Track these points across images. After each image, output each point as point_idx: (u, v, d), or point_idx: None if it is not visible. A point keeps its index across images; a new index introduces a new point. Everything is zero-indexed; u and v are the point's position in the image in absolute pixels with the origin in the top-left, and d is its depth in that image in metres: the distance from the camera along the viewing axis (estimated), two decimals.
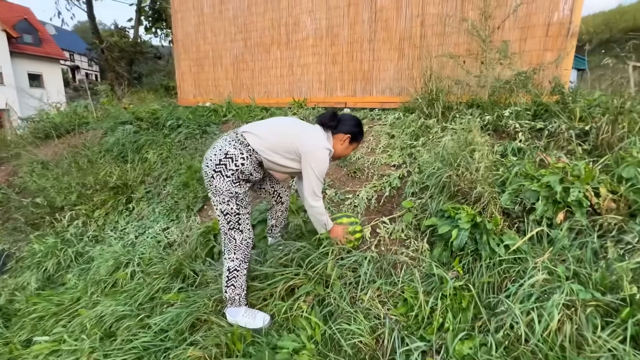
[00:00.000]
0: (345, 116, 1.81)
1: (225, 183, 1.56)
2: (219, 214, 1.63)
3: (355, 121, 1.81)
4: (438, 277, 1.63)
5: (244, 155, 1.58)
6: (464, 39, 3.30)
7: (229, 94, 5.17)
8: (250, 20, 4.81)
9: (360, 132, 1.81)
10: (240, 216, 1.63)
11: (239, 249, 1.67)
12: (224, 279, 1.69)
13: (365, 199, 2.45)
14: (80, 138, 4.60)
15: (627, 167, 1.68)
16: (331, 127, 1.75)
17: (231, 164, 1.56)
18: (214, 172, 1.56)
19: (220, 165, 1.55)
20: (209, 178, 1.59)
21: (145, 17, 9.77)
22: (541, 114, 2.61)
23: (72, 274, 2.49)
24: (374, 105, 3.95)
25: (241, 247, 1.67)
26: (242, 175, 1.59)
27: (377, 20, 3.84)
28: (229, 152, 1.57)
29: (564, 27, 2.96)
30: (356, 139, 1.81)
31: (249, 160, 1.59)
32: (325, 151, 1.65)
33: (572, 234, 1.62)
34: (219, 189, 1.57)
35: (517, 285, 1.37)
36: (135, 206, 3.20)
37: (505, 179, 1.94)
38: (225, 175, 1.56)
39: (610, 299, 1.23)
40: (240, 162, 1.57)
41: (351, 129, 1.77)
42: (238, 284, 1.68)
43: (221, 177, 1.56)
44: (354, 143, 1.82)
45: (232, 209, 1.60)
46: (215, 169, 1.56)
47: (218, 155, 1.57)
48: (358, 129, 1.79)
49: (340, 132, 1.76)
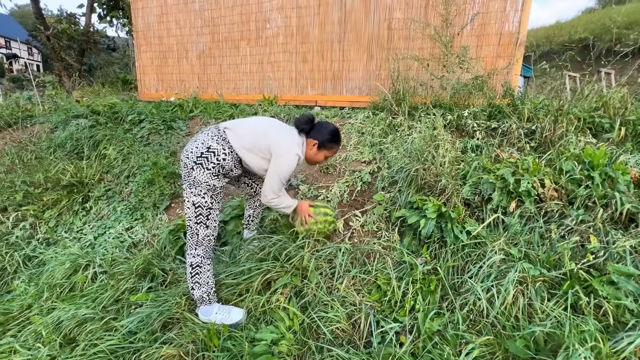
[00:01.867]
0: (322, 123, 1.82)
1: (205, 175, 1.57)
2: (189, 206, 1.61)
3: (329, 129, 1.79)
4: (408, 264, 1.73)
5: (225, 151, 1.60)
6: (428, 44, 3.52)
7: (196, 89, 4.99)
8: (218, 14, 4.68)
9: (332, 140, 1.79)
10: (211, 211, 1.63)
11: (200, 245, 1.66)
12: (188, 277, 1.67)
13: (337, 193, 2.52)
14: (25, 132, 4.16)
15: (566, 160, 1.92)
16: (304, 130, 1.77)
17: (213, 157, 1.57)
18: (194, 164, 1.56)
19: (202, 157, 1.56)
20: (188, 169, 1.57)
21: (99, 4, 9.02)
22: (495, 114, 2.87)
23: (20, 280, 2.26)
24: (344, 104, 4.06)
25: (203, 243, 1.66)
26: (222, 170, 1.61)
27: (346, 22, 3.95)
28: (212, 146, 1.58)
29: (513, 37, 3.28)
30: (325, 146, 1.78)
31: (230, 157, 1.61)
32: (295, 157, 1.65)
33: (522, 220, 1.82)
34: (198, 181, 1.57)
35: (478, 267, 1.51)
36: (93, 205, 2.98)
37: (466, 172, 2.12)
38: (206, 167, 1.56)
39: (555, 274, 1.41)
40: (222, 157, 1.59)
41: (321, 136, 1.76)
42: (203, 281, 1.65)
43: (202, 169, 1.56)
44: (323, 150, 1.79)
45: (206, 202, 1.60)
46: (196, 160, 1.56)
47: (200, 148, 1.58)
48: (329, 137, 1.77)
49: (311, 138, 1.77)
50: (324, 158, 1.83)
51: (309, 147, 1.77)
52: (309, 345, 1.44)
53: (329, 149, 1.82)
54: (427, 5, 3.52)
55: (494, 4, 3.29)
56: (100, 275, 2.12)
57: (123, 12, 9.24)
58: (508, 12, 3.25)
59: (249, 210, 2.12)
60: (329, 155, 1.84)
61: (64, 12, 10.38)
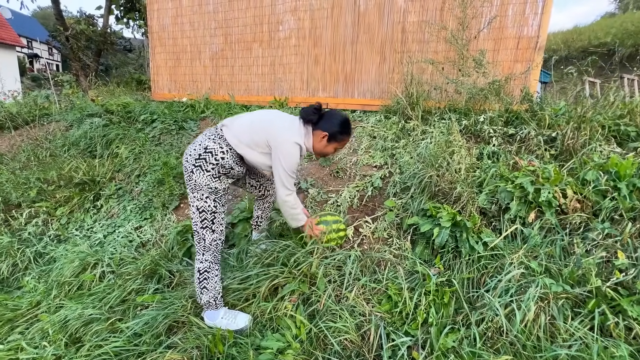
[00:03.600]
0: (331, 113, 1.70)
1: (205, 177, 1.52)
2: (194, 211, 1.57)
3: (339, 120, 1.67)
4: (421, 274, 1.67)
5: (223, 149, 1.54)
6: (443, 47, 3.44)
7: (208, 90, 5.01)
8: (231, 15, 4.70)
9: (343, 132, 1.67)
10: (216, 215, 1.58)
11: (208, 250, 1.61)
12: (195, 282, 1.63)
13: (348, 198, 2.46)
14: (41, 130, 4.25)
15: (590, 170, 1.82)
16: (311, 121, 1.65)
17: (211, 158, 1.52)
18: (193, 167, 1.52)
19: (200, 159, 1.52)
20: (189, 173, 1.53)
21: (116, 6, 9.23)
22: (512, 120, 2.77)
23: (30, 277, 2.28)
24: (356, 107, 4.01)
25: (210, 247, 1.61)
26: (222, 169, 1.55)
27: (359, 24, 3.91)
28: (208, 146, 1.53)
29: (532, 41, 3.18)
30: (335, 138, 1.65)
31: (229, 155, 1.55)
32: (294, 145, 1.54)
33: (542, 232, 1.73)
34: (199, 184, 1.52)
35: (496, 281, 1.44)
36: (104, 204, 3.00)
37: (482, 180, 2.04)
38: (205, 169, 1.52)
39: (579, 291, 1.33)
40: (220, 156, 1.53)
41: (331, 127, 1.63)
42: (210, 286, 1.62)
43: (201, 172, 1.51)
44: (333, 142, 1.67)
45: (210, 206, 1.56)
46: (194, 163, 1.52)
47: (198, 150, 1.53)
48: (339, 129, 1.65)
49: (320, 129, 1.64)
50: (333, 150, 1.71)
51: (317, 139, 1.65)
52: (316, 356, 1.39)
53: (340, 141, 1.69)
54: (443, 8, 3.44)
55: (512, 7, 3.19)
56: (108, 274, 2.11)
57: (139, 13, 9.43)
58: (527, 16, 3.16)
59: (257, 211, 2.09)
60: (340, 147, 1.73)
61: (83, 13, 10.68)
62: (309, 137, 1.64)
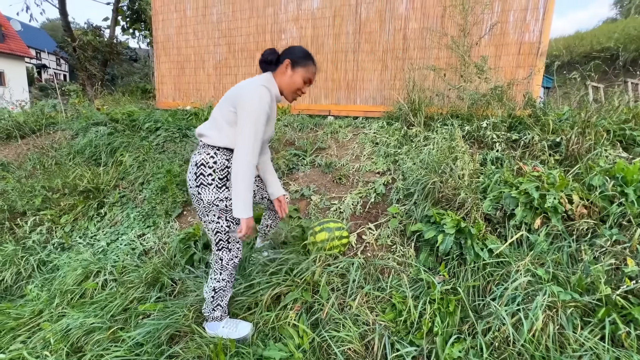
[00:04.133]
0: (288, 48, 1.56)
1: (212, 192, 1.47)
2: (210, 234, 1.55)
3: (297, 48, 1.56)
4: (425, 282, 1.64)
5: (210, 154, 1.47)
6: (445, 54, 3.46)
7: (211, 98, 5.07)
8: (234, 25, 4.78)
9: (305, 56, 1.53)
10: (230, 234, 1.54)
11: (225, 270, 1.58)
12: (208, 299, 1.60)
13: (350, 205, 2.45)
14: (48, 139, 4.30)
15: (596, 175, 1.80)
16: (271, 62, 1.53)
17: (205, 169, 1.46)
18: (197, 188, 1.47)
19: (199, 177, 1.47)
20: (197, 197, 1.49)
21: (122, 17, 9.44)
22: (515, 125, 2.76)
23: (33, 285, 2.28)
24: (358, 114, 4.02)
25: (227, 267, 1.58)
26: (221, 173, 1.49)
27: (361, 32, 3.95)
28: (197, 160, 1.48)
29: (534, 47, 3.18)
30: (298, 63, 1.51)
31: (219, 155, 1.48)
32: (261, 87, 1.39)
33: (549, 238, 1.70)
34: (208, 203, 1.47)
35: (502, 289, 1.41)
36: (107, 211, 3.01)
37: (486, 186, 2.02)
38: (208, 183, 1.46)
39: (588, 299, 1.29)
40: (212, 161, 1.47)
41: (292, 54, 1.51)
42: (224, 303, 1.61)
43: (205, 188, 1.47)
44: (297, 68, 1.52)
45: (222, 226, 1.51)
46: (197, 184, 1.47)
47: (192, 170, 1.49)
48: (300, 54, 1.53)
49: (281, 63, 1.51)
50: (302, 81, 1.54)
51: (281, 74, 1.52)
52: None
53: (306, 67, 1.53)
54: (444, 15, 3.47)
55: (513, 14, 3.21)
56: (110, 282, 2.11)
57: (145, 24, 9.63)
58: (529, 22, 3.17)
59: (267, 220, 2.03)
60: (307, 76, 1.55)
61: (90, 24, 10.93)
62: (272, 81, 1.52)
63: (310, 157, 3.12)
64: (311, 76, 1.57)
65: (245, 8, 4.63)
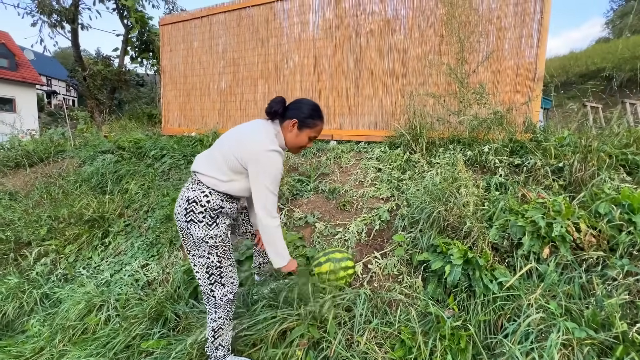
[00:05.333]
0: (297, 100, 1.56)
1: (201, 229, 1.43)
2: (198, 269, 1.50)
3: (306, 104, 1.54)
4: (434, 316, 1.60)
5: (205, 193, 1.44)
6: (443, 80, 3.55)
7: (216, 124, 5.18)
8: (239, 55, 4.96)
9: (312, 115, 1.52)
10: (222, 269, 1.50)
11: (219, 306, 1.53)
12: (209, 339, 1.57)
13: (355, 232, 2.44)
14: (55, 167, 4.38)
15: (602, 203, 1.79)
16: (277, 113, 1.51)
17: (197, 206, 1.43)
18: (186, 223, 1.43)
19: (189, 213, 1.43)
20: (185, 231, 1.45)
21: (132, 48, 9.87)
22: (517, 150, 2.78)
23: (35, 319, 2.24)
24: (360, 139, 4.08)
25: (221, 303, 1.52)
26: (212, 212, 1.45)
27: (361, 60, 4.08)
28: (190, 197, 1.44)
29: (530, 72, 3.26)
30: (305, 123, 1.51)
31: (213, 196, 1.45)
32: (272, 153, 1.39)
33: (558, 268, 1.67)
34: (198, 238, 1.44)
35: (515, 325, 1.37)
36: (112, 241, 3.01)
37: (492, 214, 2.01)
38: (198, 221, 1.42)
39: (604, 336, 1.25)
40: (205, 200, 1.43)
41: (298, 114, 1.50)
42: (225, 342, 1.58)
43: (195, 225, 1.43)
44: (304, 129, 1.52)
45: (213, 261, 1.48)
46: (186, 219, 1.43)
47: (183, 205, 1.45)
48: (308, 113, 1.51)
49: (287, 119, 1.51)
50: (308, 140, 1.55)
51: (287, 131, 1.51)
52: None
53: (312, 127, 1.53)
54: (441, 43, 3.60)
55: (508, 42, 3.32)
56: (113, 317, 2.07)
57: (153, 53, 10.03)
58: (524, 49, 3.27)
59: (258, 258, 2.02)
60: (314, 135, 1.55)
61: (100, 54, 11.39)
62: (279, 135, 1.51)
63: (313, 183, 3.14)
64: (317, 134, 1.57)
65: (250, 39, 4.83)
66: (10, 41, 20.24)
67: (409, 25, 3.77)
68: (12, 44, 20.28)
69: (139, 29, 9.18)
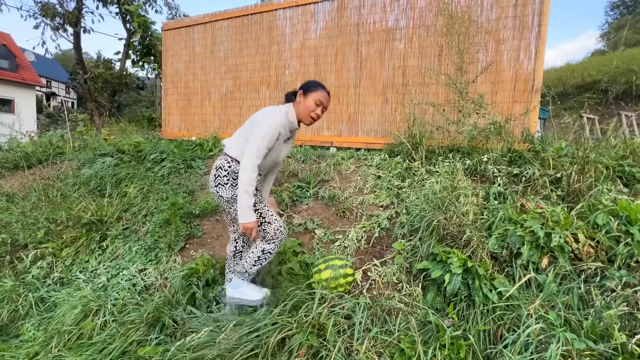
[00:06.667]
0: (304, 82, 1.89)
1: (228, 190, 1.76)
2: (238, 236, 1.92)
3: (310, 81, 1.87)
4: (434, 325, 1.60)
5: (228, 160, 1.79)
6: (443, 90, 3.60)
7: (216, 129, 5.20)
8: (241, 61, 5.01)
9: (313, 84, 1.82)
10: (260, 211, 1.77)
11: (276, 237, 1.82)
12: (251, 257, 1.85)
13: (355, 240, 2.44)
14: (54, 169, 4.36)
15: (600, 214, 1.81)
16: (290, 98, 1.87)
17: (222, 171, 1.78)
18: (216, 188, 1.78)
19: (217, 178, 1.78)
20: (218, 195, 1.80)
21: (133, 51, 9.93)
22: (515, 160, 2.81)
23: (30, 324, 2.21)
24: (360, 146, 4.10)
25: (277, 234, 1.81)
26: (234, 175, 1.76)
27: (362, 68, 4.13)
28: (217, 164, 1.80)
29: (528, 83, 3.32)
30: (308, 89, 1.80)
31: (233, 163, 1.77)
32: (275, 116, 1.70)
33: (557, 278, 1.68)
34: (228, 198, 1.77)
35: (515, 335, 1.37)
36: (109, 244, 2.99)
37: (491, 223, 2.02)
38: (224, 183, 1.76)
39: (603, 348, 1.26)
40: (227, 166, 1.77)
41: (303, 87, 1.83)
42: (264, 265, 1.89)
43: (222, 187, 1.77)
44: (308, 93, 1.80)
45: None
46: (215, 184, 1.78)
47: (212, 172, 1.81)
48: (310, 84, 1.83)
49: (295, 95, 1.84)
50: (314, 103, 1.78)
51: (297, 102, 1.82)
52: None
53: (315, 91, 1.80)
54: (441, 53, 3.65)
55: (507, 53, 3.38)
56: (110, 322, 2.05)
57: (154, 57, 10.09)
58: (522, 61, 3.33)
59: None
60: (318, 98, 1.79)
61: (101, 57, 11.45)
62: (291, 112, 1.81)
63: (313, 190, 3.14)
64: (322, 98, 1.81)
65: (252, 46, 4.88)
66: (11, 42, 20.31)
67: (409, 35, 3.83)
68: (13, 46, 20.34)
69: (141, 33, 9.24)
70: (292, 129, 1.87)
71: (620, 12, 28.65)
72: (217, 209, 3.15)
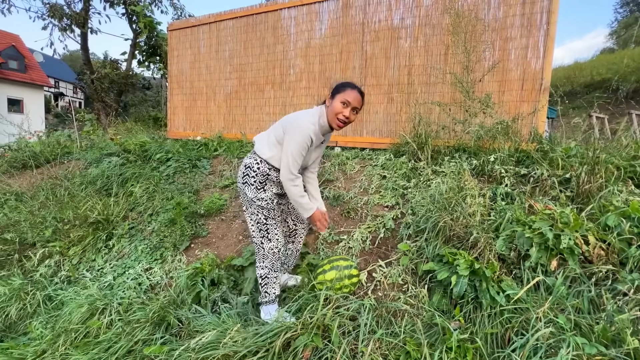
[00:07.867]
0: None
1: (252, 191, 1.78)
2: (252, 225, 1.84)
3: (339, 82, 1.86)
4: (440, 327, 1.58)
5: (257, 160, 1.79)
6: (449, 89, 3.56)
7: (221, 128, 5.21)
8: (246, 60, 5.01)
9: (341, 85, 1.79)
10: (269, 226, 1.81)
11: (266, 258, 1.84)
12: (259, 284, 1.90)
13: (360, 240, 2.43)
14: (61, 169, 4.41)
15: (611, 215, 1.77)
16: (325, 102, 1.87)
17: (250, 171, 1.79)
18: (242, 185, 1.81)
19: (245, 176, 1.80)
20: (242, 191, 1.83)
21: (139, 52, 10.01)
22: (523, 160, 2.77)
23: (38, 322, 2.24)
24: (365, 146, 4.08)
25: (268, 255, 1.84)
26: (262, 177, 1.78)
27: (367, 67, 4.11)
28: (247, 163, 1.82)
29: (536, 82, 3.26)
30: (336, 91, 1.78)
31: (263, 163, 1.79)
32: (307, 123, 1.69)
33: (567, 281, 1.65)
34: (249, 199, 1.79)
35: (524, 339, 1.35)
36: (115, 243, 3.01)
37: (498, 224, 1.99)
38: (250, 183, 1.78)
39: (615, 353, 1.23)
40: (257, 166, 1.78)
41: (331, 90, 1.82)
42: (270, 290, 1.87)
43: (248, 186, 1.79)
44: (336, 96, 1.76)
45: (261, 219, 1.80)
46: (242, 181, 1.81)
47: (241, 170, 1.84)
48: (337, 85, 1.81)
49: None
50: (340, 104, 1.73)
51: (327, 107, 1.79)
52: None
53: (341, 92, 1.76)
54: (447, 52, 3.61)
55: (515, 52, 3.33)
56: (116, 321, 2.07)
57: (160, 58, 10.16)
58: (530, 59, 3.28)
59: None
60: (345, 99, 1.72)
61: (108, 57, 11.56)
62: (323, 116, 1.78)
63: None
64: (349, 98, 1.73)
65: (256, 45, 4.88)
66: (20, 44, 20.62)
67: (415, 34, 3.79)
68: (22, 47, 20.65)
69: (147, 33, 9.31)
70: (324, 132, 1.82)
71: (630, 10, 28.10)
72: (221, 209, 3.16)
